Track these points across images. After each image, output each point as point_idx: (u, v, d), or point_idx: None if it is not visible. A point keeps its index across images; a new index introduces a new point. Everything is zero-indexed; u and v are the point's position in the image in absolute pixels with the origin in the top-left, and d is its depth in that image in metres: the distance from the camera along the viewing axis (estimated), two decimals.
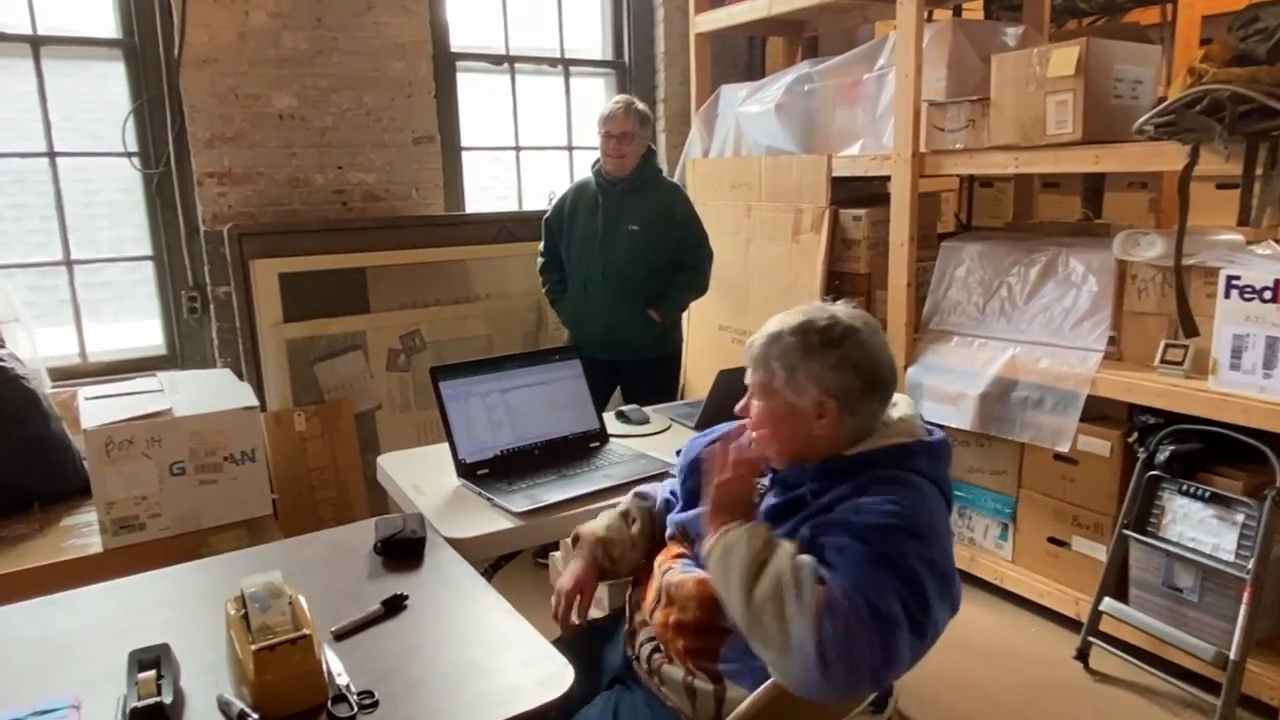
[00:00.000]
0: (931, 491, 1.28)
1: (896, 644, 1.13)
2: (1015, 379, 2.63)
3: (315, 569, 1.53)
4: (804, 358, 1.30)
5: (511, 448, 2.01)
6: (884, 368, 1.32)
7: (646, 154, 2.96)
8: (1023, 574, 2.77)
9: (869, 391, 1.30)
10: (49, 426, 2.51)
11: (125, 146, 3.04)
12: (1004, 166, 2.61)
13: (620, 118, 2.88)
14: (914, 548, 1.17)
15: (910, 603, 1.14)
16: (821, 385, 1.29)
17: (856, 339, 1.31)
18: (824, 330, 1.31)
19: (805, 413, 1.31)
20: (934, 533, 1.21)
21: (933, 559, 1.18)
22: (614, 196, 2.94)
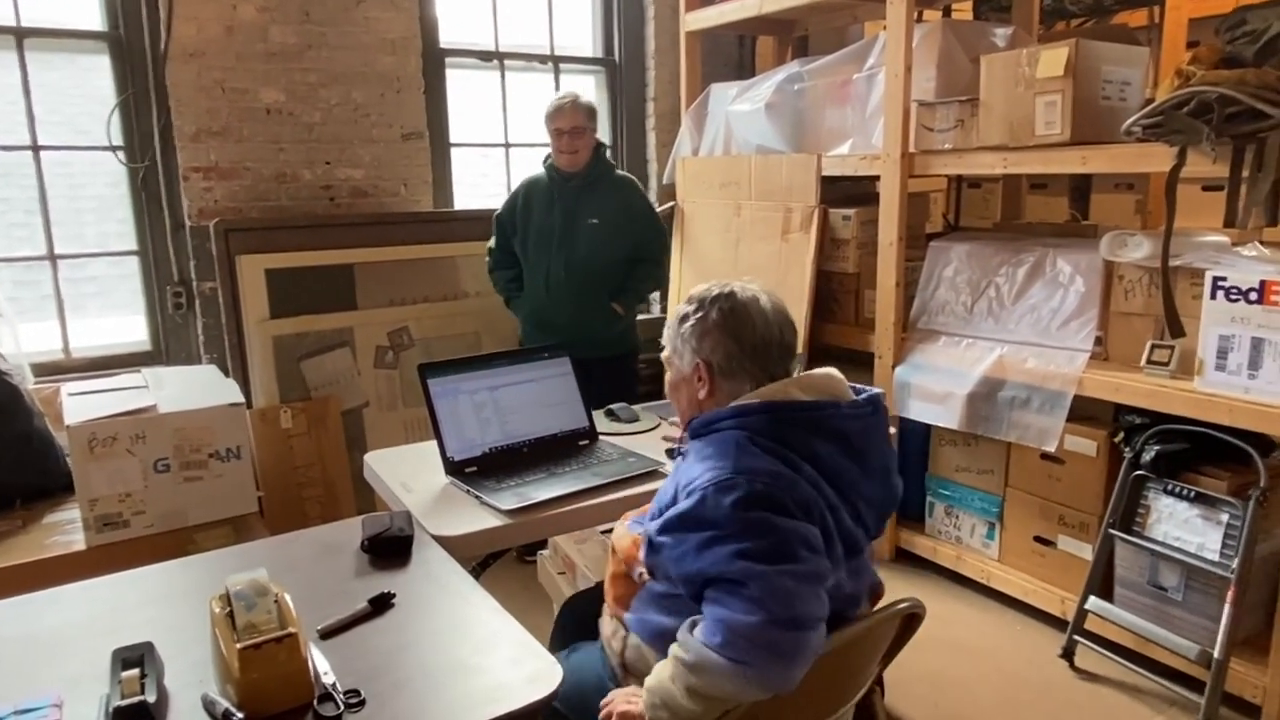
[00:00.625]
0: (745, 446, 1.25)
1: (783, 584, 1.14)
2: (1003, 379, 2.64)
3: (301, 567, 1.52)
4: (680, 325, 1.39)
5: (500, 445, 2.01)
6: (758, 330, 1.34)
7: (598, 148, 2.97)
8: (1009, 573, 2.78)
9: (744, 355, 1.34)
10: (31, 423, 2.49)
11: (110, 140, 3.01)
12: (993, 167, 2.62)
13: (569, 113, 2.87)
14: (728, 501, 1.19)
15: (755, 545, 1.15)
16: (696, 350, 1.37)
17: (728, 304, 1.35)
18: (699, 299, 1.39)
19: (689, 379, 1.39)
20: (766, 475, 1.21)
21: (741, 499, 1.18)
22: (570, 191, 2.95)
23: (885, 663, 1.48)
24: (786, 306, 1.42)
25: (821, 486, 1.25)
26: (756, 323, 1.34)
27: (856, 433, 1.31)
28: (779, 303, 1.40)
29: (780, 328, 1.37)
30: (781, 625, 1.13)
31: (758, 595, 1.13)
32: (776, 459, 1.23)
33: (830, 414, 1.29)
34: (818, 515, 1.23)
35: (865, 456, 1.31)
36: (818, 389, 1.33)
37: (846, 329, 3.19)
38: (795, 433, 1.26)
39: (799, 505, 1.21)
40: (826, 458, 1.26)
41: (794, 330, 1.40)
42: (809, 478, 1.24)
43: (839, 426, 1.29)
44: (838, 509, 1.26)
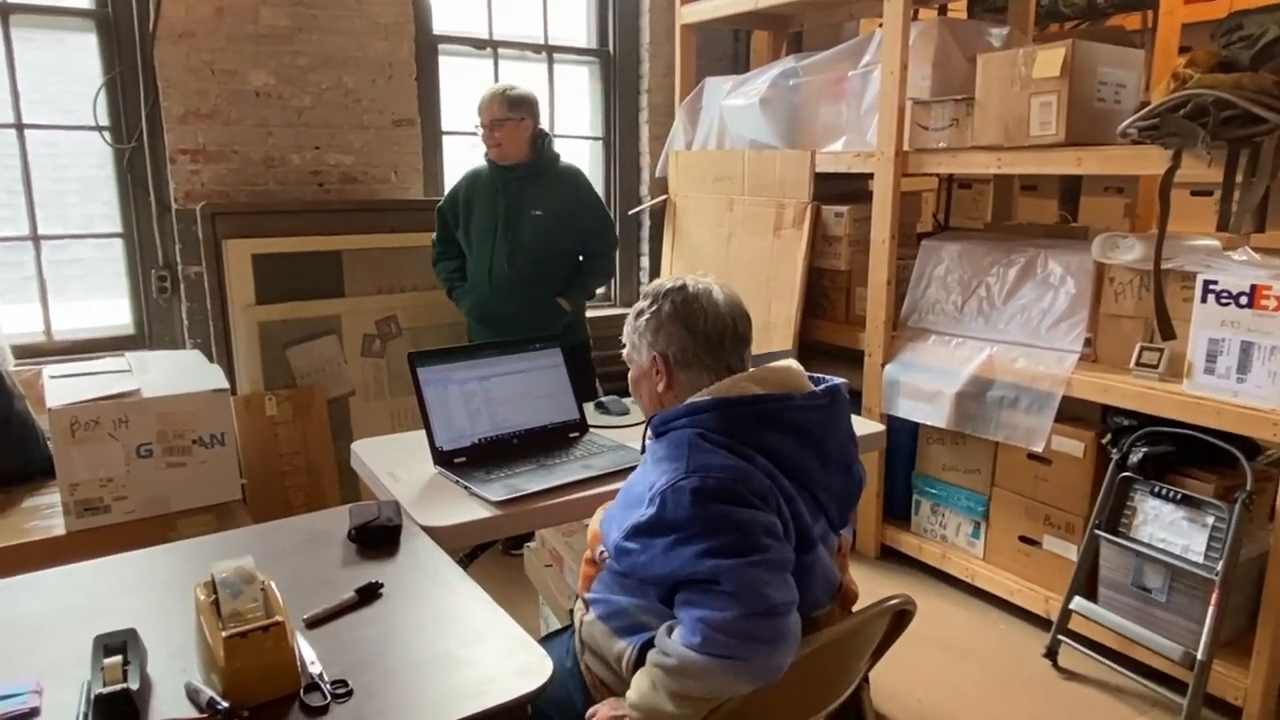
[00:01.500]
0: (698, 444, 1.25)
1: (753, 575, 1.15)
2: (992, 378, 2.64)
3: (287, 555, 1.50)
4: (636, 320, 1.42)
5: (490, 436, 1.99)
6: (710, 320, 1.35)
7: (539, 137, 2.89)
8: (994, 572, 2.79)
9: (698, 345, 1.35)
10: (12, 405, 2.44)
11: (96, 120, 2.96)
12: (987, 166, 2.62)
13: (487, 105, 2.82)
14: (686, 501, 1.20)
15: (719, 541, 1.17)
16: (652, 344, 1.39)
17: (680, 297, 1.37)
18: (652, 294, 1.41)
19: (648, 373, 1.41)
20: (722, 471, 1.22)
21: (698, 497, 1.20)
22: (513, 183, 2.88)
23: (874, 659, 1.48)
24: (741, 299, 1.43)
25: (777, 478, 1.25)
26: (709, 313, 1.36)
27: (813, 424, 1.31)
28: (732, 294, 1.42)
29: (733, 318, 1.38)
30: (758, 616, 1.14)
31: (730, 590, 1.14)
32: (730, 454, 1.24)
33: (783, 406, 1.30)
34: (774, 505, 1.23)
35: (823, 447, 1.32)
36: (771, 382, 1.33)
37: (837, 326, 3.19)
38: (747, 427, 1.27)
39: (756, 495, 1.21)
40: (781, 450, 1.27)
41: (747, 320, 1.42)
42: (763, 469, 1.24)
43: (793, 419, 1.29)
44: (794, 500, 1.26)
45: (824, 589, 1.33)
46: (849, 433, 1.39)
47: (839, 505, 1.36)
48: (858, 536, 3.19)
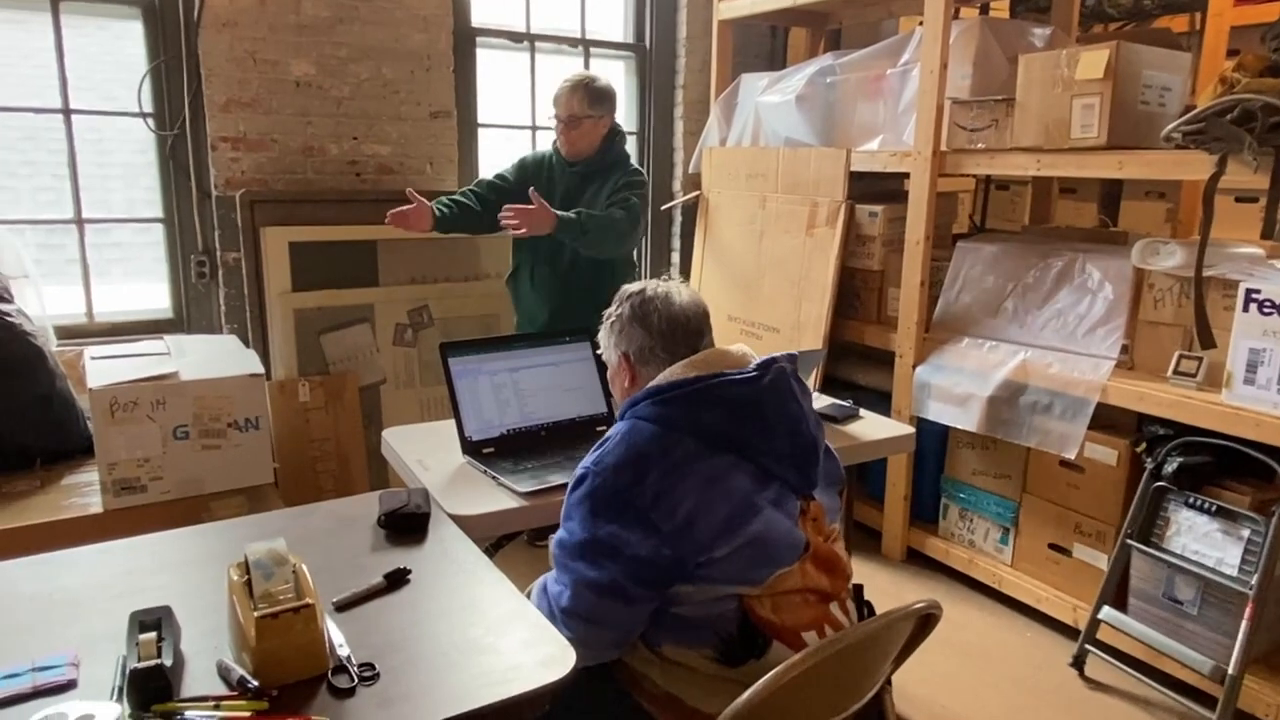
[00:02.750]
0: (627, 433, 1.37)
1: (580, 577, 1.34)
2: (1025, 383, 2.61)
3: (318, 539, 1.52)
4: (605, 324, 1.57)
5: (518, 428, 2.00)
6: (664, 317, 1.49)
7: (610, 137, 2.74)
8: (1021, 579, 2.76)
9: (655, 341, 1.49)
10: (54, 384, 2.50)
11: (141, 107, 3.01)
12: (1025, 168, 2.59)
13: (564, 100, 2.66)
14: (575, 493, 1.38)
15: (570, 534, 1.37)
16: (616, 345, 1.54)
17: (638, 299, 1.52)
18: (618, 299, 1.55)
19: (618, 371, 1.56)
20: (610, 471, 1.34)
21: (581, 492, 1.37)
22: (568, 179, 2.76)
23: (898, 663, 1.47)
24: (701, 299, 1.56)
25: (701, 460, 1.33)
26: (663, 312, 1.49)
27: (748, 397, 1.38)
28: (693, 296, 1.55)
29: (687, 315, 1.50)
30: (566, 613, 1.35)
31: (563, 579, 1.38)
32: (655, 440, 1.35)
33: (711, 384, 1.38)
34: (668, 501, 1.30)
35: (762, 416, 1.38)
36: (705, 364, 1.43)
37: (868, 327, 3.17)
38: (677, 409, 1.37)
39: (640, 501, 1.30)
40: (715, 425, 1.36)
41: (704, 316, 1.54)
42: (687, 451, 1.33)
43: (725, 394, 1.38)
44: (728, 475, 1.33)
45: (786, 550, 1.36)
46: (792, 398, 1.43)
47: (796, 469, 1.40)
48: (884, 539, 3.17)
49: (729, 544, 1.31)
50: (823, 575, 1.41)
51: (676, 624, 1.35)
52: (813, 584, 1.39)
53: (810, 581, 1.38)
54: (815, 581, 1.39)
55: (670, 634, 1.36)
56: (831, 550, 1.45)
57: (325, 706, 1.06)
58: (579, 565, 1.35)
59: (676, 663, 1.36)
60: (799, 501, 1.41)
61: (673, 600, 1.34)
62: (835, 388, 3.17)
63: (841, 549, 1.50)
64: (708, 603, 1.33)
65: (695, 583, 1.33)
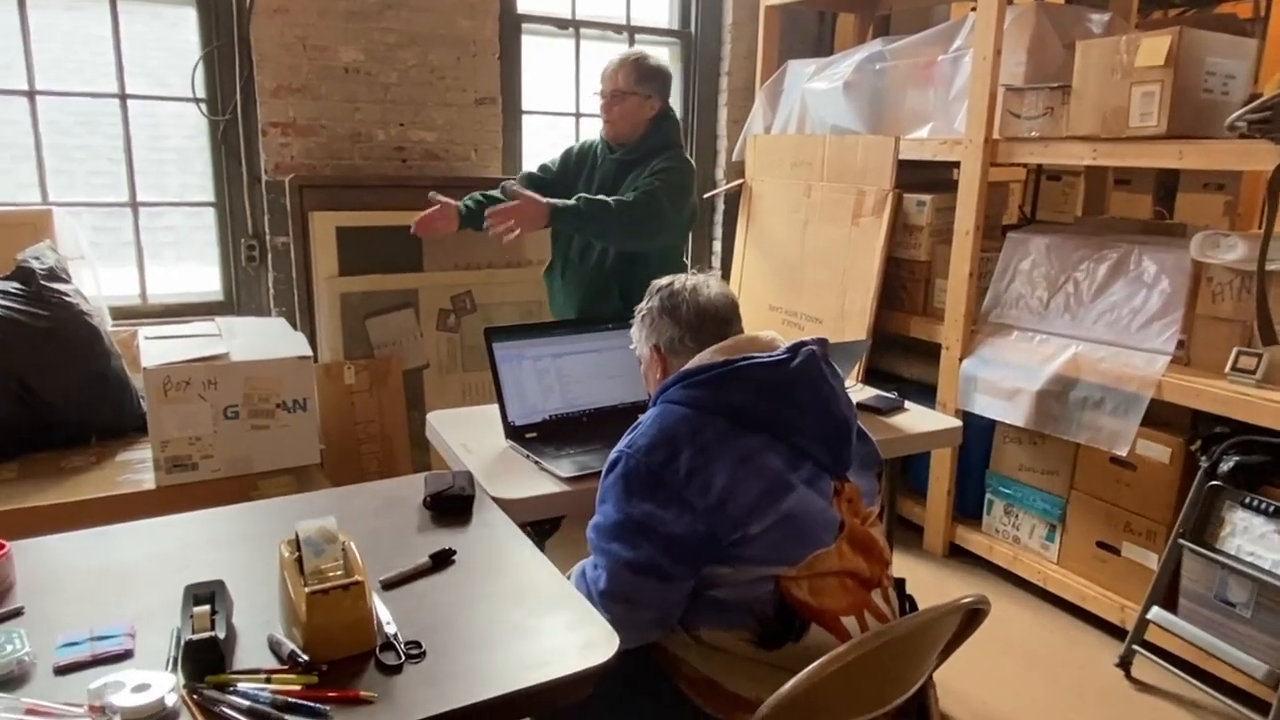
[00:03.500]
0: (658, 417, 1.39)
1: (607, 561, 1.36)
2: (1076, 377, 2.55)
3: (364, 518, 1.54)
4: (638, 318, 1.61)
5: (560, 413, 2.01)
6: (692, 308, 1.52)
7: (659, 119, 2.52)
8: (1068, 577, 2.71)
9: (684, 332, 1.52)
10: (109, 363, 2.56)
11: (194, 93, 3.07)
12: (1081, 157, 2.53)
13: (612, 73, 2.47)
14: (610, 475, 1.40)
15: (605, 518, 1.38)
16: (647, 338, 1.58)
17: (667, 292, 1.55)
18: (648, 293, 1.59)
19: (650, 364, 1.59)
20: (643, 452, 1.36)
21: (616, 473, 1.38)
22: (607, 166, 2.56)
23: (943, 658, 1.46)
24: (730, 290, 1.59)
25: (731, 439, 1.35)
26: (690, 302, 1.52)
27: (776, 378, 1.39)
28: (721, 287, 1.58)
29: (715, 304, 1.53)
30: (605, 595, 1.35)
31: (599, 561, 1.38)
32: (685, 421, 1.37)
33: (739, 366, 1.40)
34: (702, 477, 1.31)
35: (792, 396, 1.39)
36: (734, 349, 1.45)
37: (913, 318, 3.13)
38: (705, 391, 1.39)
39: (673, 479, 1.32)
40: (743, 405, 1.38)
41: (732, 305, 1.56)
42: (718, 431, 1.35)
43: (753, 375, 1.39)
44: (759, 454, 1.34)
45: (821, 529, 1.36)
46: (822, 380, 1.44)
47: (828, 449, 1.41)
48: (926, 534, 3.14)
49: (762, 521, 1.32)
50: (859, 557, 1.41)
51: (713, 607, 1.35)
52: (850, 566, 1.38)
53: (848, 564, 1.38)
54: (853, 564, 1.39)
55: (707, 617, 1.36)
56: (867, 533, 1.45)
57: (373, 682, 1.07)
58: (615, 546, 1.36)
59: (714, 646, 1.36)
60: (833, 482, 1.42)
61: (709, 583, 1.35)
62: (878, 380, 3.13)
63: (880, 534, 1.49)
64: (744, 585, 1.33)
65: (731, 564, 1.33)
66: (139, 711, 0.98)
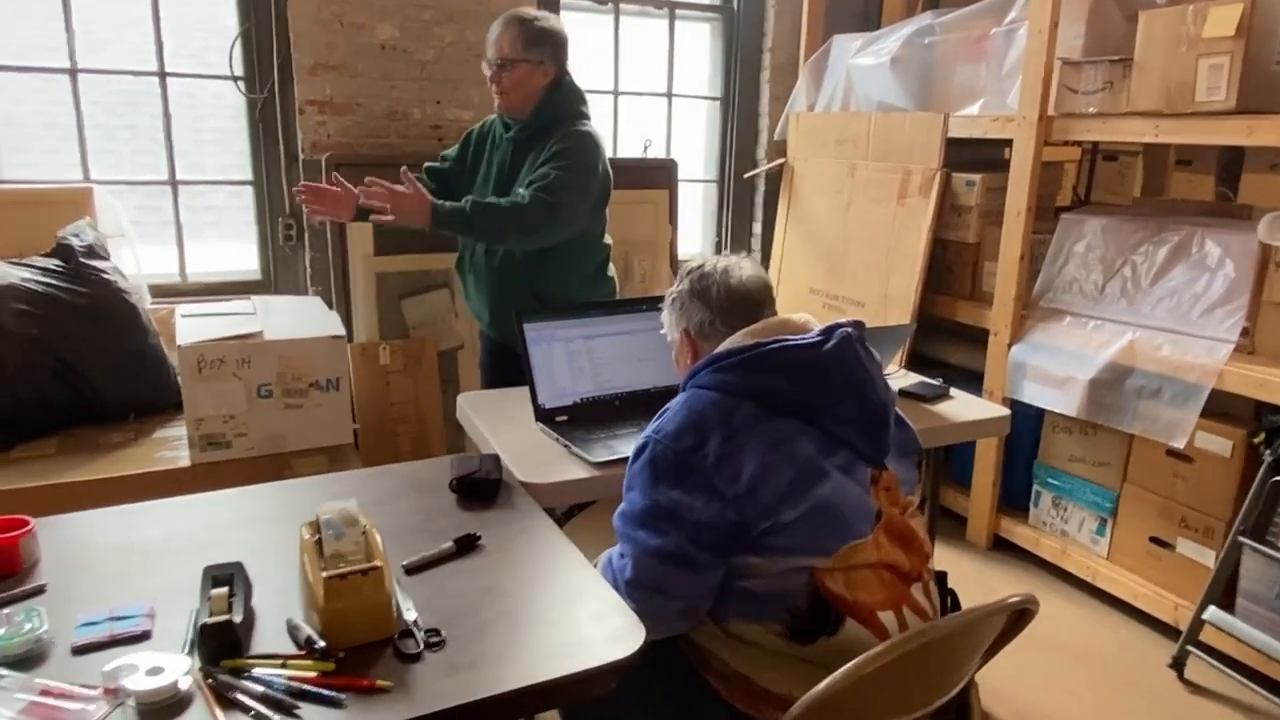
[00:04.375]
0: (685, 403, 1.35)
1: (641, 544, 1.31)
2: (1132, 365, 2.44)
3: (390, 501, 1.52)
4: (667, 302, 1.55)
5: (591, 396, 1.96)
6: (723, 290, 1.46)
7: (554, 88, 2.25)
8: (1118, 573, 2.61)
9: (715, 315, 1.45)
10: (147, 340, 2.58)
11: (232, 71, 3.06)
12: (1142, 134, 2.40)
13: (496, 38, 2.19)
14: (636, 460, 1.35)
15: (631, 505, 1.34)
16: (677, 323, 1.52)
17: (697, 273, 1.49)
18: (678, 276, 1.53)
19: (681, 349, 1.53)
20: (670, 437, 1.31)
21: (643, 459, 1.34)
22: (504, 149, 2.32)
23: (986, 658, 1.39)
24: (764, 271, 1.53)
25: (770, 420, 1.30)
26: (720, 284, 1.46)
27: (809, 361, 1.34)
28: (754, 268, 1.51)
29: (747, 287, 1.47)
30: (631, 584, 1.30)
31: (626, 549, 1.34)
32: (714, 405, 1.32)
33: (771, 349, 1.34)
34: (733, 462, 1.27)
35: (826, 380, 1.34)
36: (762, 332, 1.39)
37: (960, 302, 3.03)
38: (735, 374, 1.34)
39: (701, 465, 1.27)
40: (775, 388, 1.33)
41: (765, 287, 1.49)
42: (748, 415, 1.30)
43: (785, 358, 1.34)
44: (791, 439, 1.29)
45: (857, 518, 1.31)
46: (858, 363, 1.37)
47: (864, 435, 1.35)
48: (969, 525, 3.04)
49: (795, 508, 1.26)
50: (898, 549, 1.35)
51: (745, 598, 1.30)
52: (888, 559, 1.32)
53: (885, 556, 1.32)
54: (890, 556, 1.33)
55: (738, 609, 1.31)
56: (906, 523, 1.39)
57: (391, 670, 1.04)
58: (641, 534, 1.31)
59: (744, 639, 1.31)
60: (870, 470, 1.36)
61: (740, 573, 1.30)
62: (922, 365, 3.04)
63: (920, 525, 1.43)
64: (777, 575, 1.28)
65: (763, 553, 1.28)
66: (152, 695, 0.96)
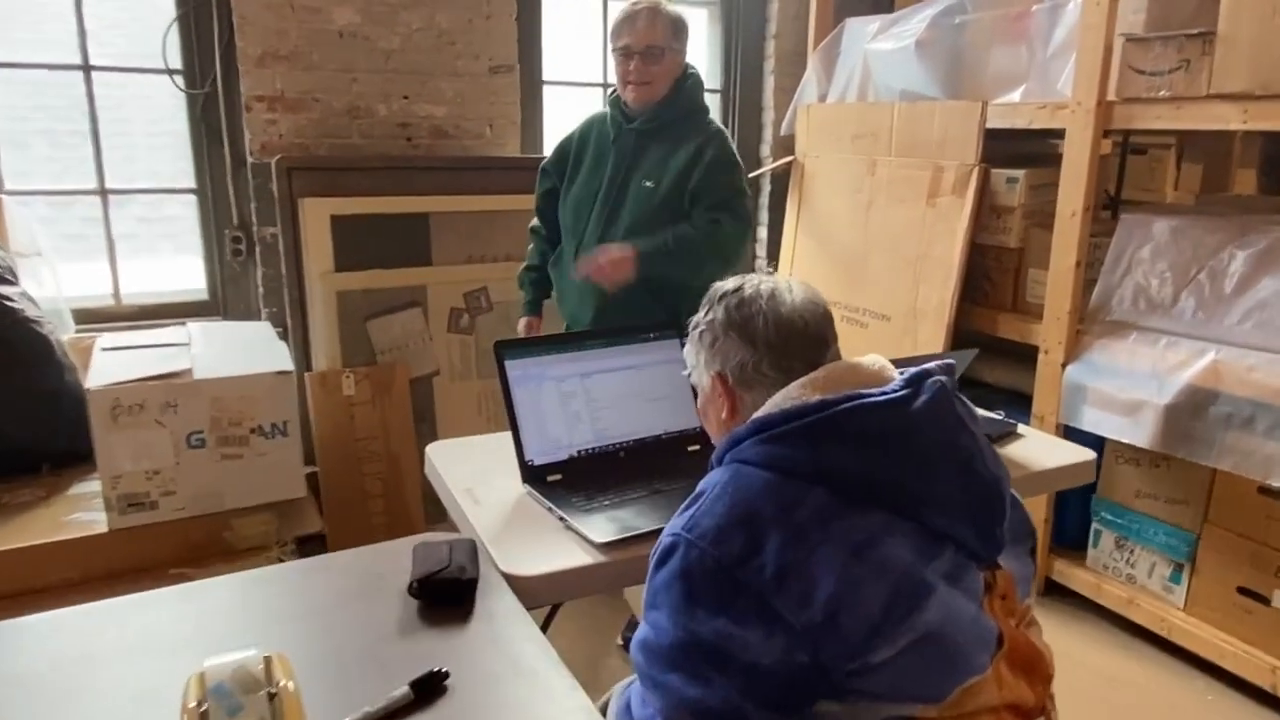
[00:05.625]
0: (725, 490, 0.98)
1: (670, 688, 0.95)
2: (1216, 390, 2.10)
3: (330, 612, 1.14)
4: (693, 334, 1.16)
5: (590, 448, 1.60)
6: (772, 322, 1.08)
7: (683, 80, 2.16)
8: (1199, 627, 2.27)
9: (760, 357, 1.08)
10: (62, 378, 2.20)
11: (166, 63, 2.68)
12: (1226, 120, 2.06)
13: (644, 26, 2.07)
14: (662, 569, 0.99)
15: (657, 635, 0.97)
16: (709, 362, 1.13)
17: (735, 299, 1.11)
18: (708, 299, 1.15)
19: (711, 397, 1.15)
20: (710, 538, 0.95)
21: (687, 570, 0.95)
22: (627, 139, 2.17)
23: None
24: (820, 295, 1.15)
25: (848, 514, 0.95)
26: (769, 315, 1.09)
27: (895, 425, 0.98)
28: (809, 292, 1.14)
29: (804, 318, 1.10)
30: None
31: (652, 699, 0.99)
32: (769, 493, 0.96)
33: (843, 411, 0.98)
34: (818, 571, 0.91)
35: (919, 450, 0.99)
36: (833, 383, 1.03)
37: (1000, 315, 2.68)
38: (795, 447, 0.98)
39: (756, 581, 0.92)
40: (852, 468, 0.97)
41: (824, 317, 1.12)
42: (818, 507, 0.94)
43: (862, 424, 0.98)
44: (882, 535, 0.94)
45: (974, 648, 0.96)
46: (959, 425, 1.01)
47: (974, 525, 0.99)
48: None
49: (892, 643, 0.90)
50: (1021, 680, 1.00)
51: None
52: (1012, 697, 0.98)
53: (1009, 694, 0.97)
54: (1015, 693, 0.98)
55: None
56: (1029, 643, 1.04)
57: None
58: (674, 679, 0.95)
59: None
60: (982, 573, 1.00)
61: None
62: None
63: (1039, 636, 1.08)
64: None
65: (846, 699, 0.91)
66: None
